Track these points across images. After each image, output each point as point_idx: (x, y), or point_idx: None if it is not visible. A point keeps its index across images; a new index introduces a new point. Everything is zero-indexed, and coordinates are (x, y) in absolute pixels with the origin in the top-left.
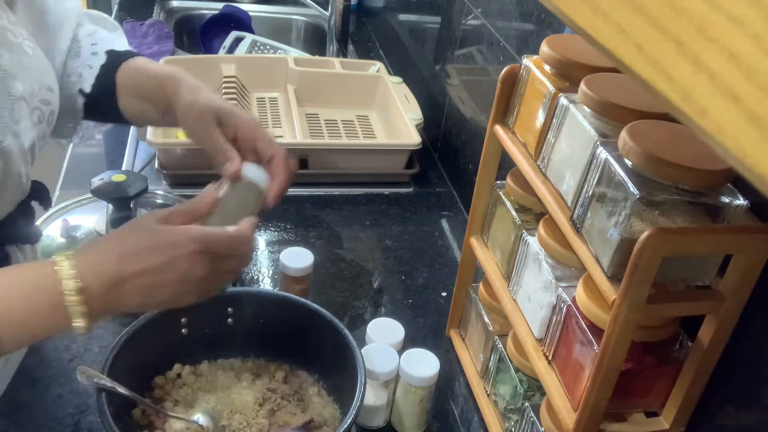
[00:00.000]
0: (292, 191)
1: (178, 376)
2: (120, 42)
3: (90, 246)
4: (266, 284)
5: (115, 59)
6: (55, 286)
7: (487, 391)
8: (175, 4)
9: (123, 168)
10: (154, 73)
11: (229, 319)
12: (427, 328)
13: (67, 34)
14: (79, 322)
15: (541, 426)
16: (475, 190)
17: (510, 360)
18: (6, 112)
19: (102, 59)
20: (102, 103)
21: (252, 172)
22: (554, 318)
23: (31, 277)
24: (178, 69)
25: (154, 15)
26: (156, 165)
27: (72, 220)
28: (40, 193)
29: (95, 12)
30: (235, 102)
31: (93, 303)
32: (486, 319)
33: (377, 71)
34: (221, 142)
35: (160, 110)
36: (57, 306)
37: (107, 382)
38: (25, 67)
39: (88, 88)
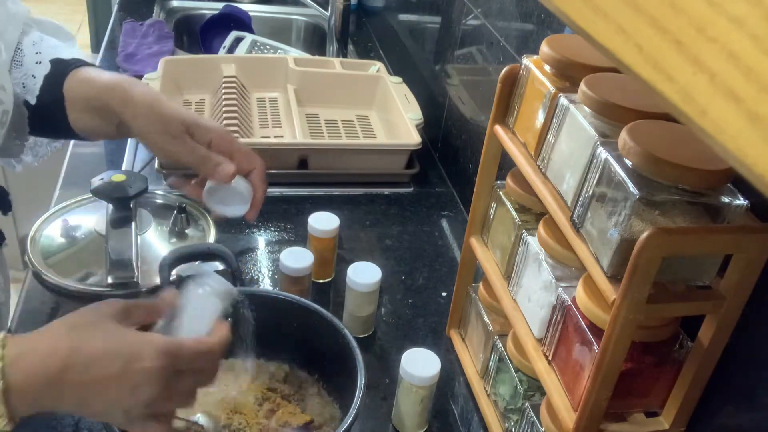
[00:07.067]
0: (292, 191)
1: None
2: (69, 50)
3: (36, 335)
4: (266, 284)
5: (61, 69)
6: None
7: (487, 391)
8: (175, 4)
9: (123, 168)
10: (101, 83)
11: (229, 319)
12: (427, 328)
13: (11, 39)
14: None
15: (541, 426)
16: (475, 190)
17: (510, 360)
18: None
19: (46, 68)
20: (50, 116)
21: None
22: (554, 318)
23: None
24: (129, 78)
25: (154, 15)
26: (156, 165)
27: (72, 220)
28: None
29: (48, 20)
30: (235, 102)
31: (18, 405)
32: (486, 319)
33: (377, 71)
34: (203, 152)
35: (112, 124)
36: None
37: None
38: None
39: (33, 100)
